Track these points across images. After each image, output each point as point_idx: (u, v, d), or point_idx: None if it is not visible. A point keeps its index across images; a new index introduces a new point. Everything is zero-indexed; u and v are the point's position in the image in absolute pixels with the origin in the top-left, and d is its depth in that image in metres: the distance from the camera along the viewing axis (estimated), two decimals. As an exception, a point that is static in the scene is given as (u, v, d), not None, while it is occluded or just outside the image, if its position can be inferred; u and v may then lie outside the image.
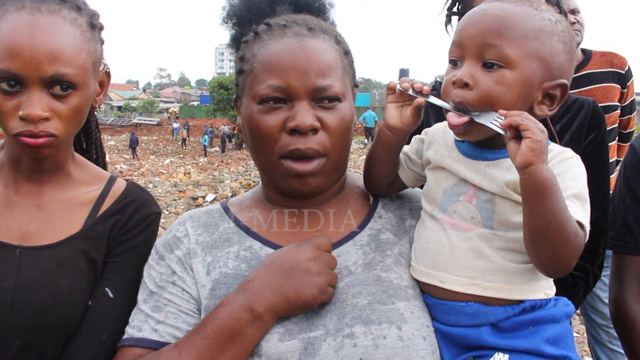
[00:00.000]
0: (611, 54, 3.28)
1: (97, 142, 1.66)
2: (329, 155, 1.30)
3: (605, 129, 1.83)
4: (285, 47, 1.30)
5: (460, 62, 1.24)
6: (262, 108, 1.30)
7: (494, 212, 1.23)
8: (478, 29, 1.22)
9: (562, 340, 1.22)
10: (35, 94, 1.26)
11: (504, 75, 1.20)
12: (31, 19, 1.26)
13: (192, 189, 13.11)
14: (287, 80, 1.27)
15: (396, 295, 1.25)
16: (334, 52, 1.34)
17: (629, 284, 1.71)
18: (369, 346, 1.17)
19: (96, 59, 1.38)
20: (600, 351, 3.19)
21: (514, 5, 1.23)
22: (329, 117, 1.29)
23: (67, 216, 1.41)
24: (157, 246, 1.39)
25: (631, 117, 3.41)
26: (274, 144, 1.28)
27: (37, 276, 1.32)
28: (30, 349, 1.30)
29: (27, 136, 1.27)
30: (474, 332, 1.23)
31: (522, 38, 1.20)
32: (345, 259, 1.31)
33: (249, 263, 1.31)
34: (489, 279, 1.22)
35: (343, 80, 1.33)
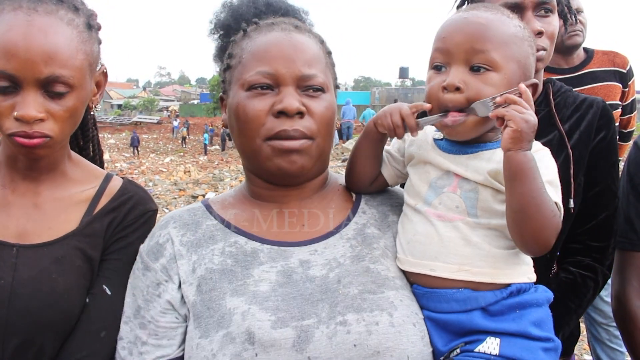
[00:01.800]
0: (613, 53, 3.28)
1: (94, 140, 1.65)
2: (314, 139, 1.33)
3: (615, 129, 1.82)
4: (273, 38, 1.37)
5: (446, 67, 1.32)
6: (250, 94, 1.34)
7: (478, 200, 1.30)
8: (464, 36, 1.30)
9: (545, 323, 1.30)
10: (30, 95, 1.25)
11: (491, 77, 1.29)
12: (27, 19, 1.25)
13: (192, 187, 13.11)
14: (274, 67, 1.33)
15: (385, 285, 1.30)
16: (318, 48, 1.42)
17: (631, 280, 1.72)
18: (362, 332, 1.21)
19: (93, 60, 1.37)
20: (600, 349, 3.21)
21: (490, 13, 1.34)
22: (315, 104, 1.34)
23: (63, 214, 1.41)
24: (142, 254, 1.40)
25: (631, 116, 3.41)
26: (260, 127, 1.32)
27: (35, 274, 1.32)
28: (28, 346, 1.31)
29: (22, 137, 1.27)
30: (466, 317, 1.28)
31: (503, 43, 1.31)
32: (332, 252, 1.35)
33: (235, 258, 1.33)
34: (478, 265, 1.28)
35: (326, 74, 1.40)
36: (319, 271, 1.31)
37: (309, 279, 1.29)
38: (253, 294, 1.26)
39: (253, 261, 1.33)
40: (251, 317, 1.22)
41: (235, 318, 1.23)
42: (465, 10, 1.38)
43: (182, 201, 11.45)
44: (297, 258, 1.33)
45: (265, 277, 1.29)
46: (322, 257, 1.34)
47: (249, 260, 1.33)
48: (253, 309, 1.23)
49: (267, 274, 1.30)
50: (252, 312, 1.22)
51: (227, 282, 1.29)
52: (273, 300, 1.25)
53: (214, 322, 1.24)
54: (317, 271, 1.31)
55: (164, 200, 11.49)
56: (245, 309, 1.23)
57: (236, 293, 1.27)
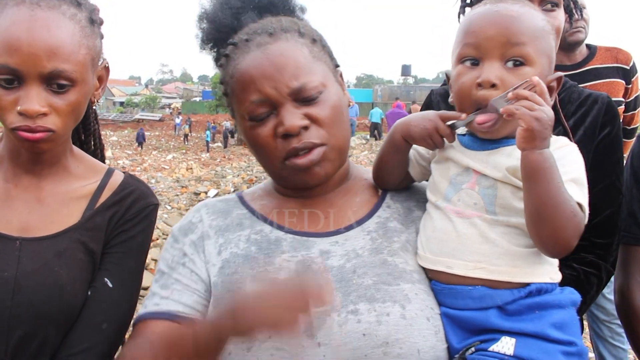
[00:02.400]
0: (616, 50, 3.27)
1: (95, 134, 1.66)
2: (327, 144, 1.33)
3: (620, 125, 1.81)
4: (251, 62, 1.34)
5: (478, 62, 1.28)
6: (252, 124, 1.35)
7: (496, 197, 1.26)
8: (498, 29, 1.26)
9: (568, 326, 1.24)
10: (33, 90, 1.26)
11: (525, 71, 1.25)
12: (30, 14, 1.26)
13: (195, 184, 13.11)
14: (263, 92, 1.32)
15: (401, 278, 1.29)
16: (299, 47, 1.36)
17: (635, 274, 1.71)
18: (372, 322, 1.22)
19: (95, 55, 1.38)
20: (602, 346, 3.20)
21: (519, 6, 1.29)
22: (317, 111, 1.33)
23: (65, 208, 1.42)
24: (174, 230, 1.45)
25: (635, 113, 3.40)
26: (273, 150, 1.34)
27: (38, 266, 1.33)
28: (31, 338, 1.32)
29: (25, 131, 1.27)
30: (482, 315, 1.25)
31: (535, 37, 1.27)
32: (352, 244, 1.36)
33: (259, 245, 1.36)
34: (495, 263, 1.25)
35: (318, 71, 1.36)
36: (337, 261, 1.33)
37: (326, 269, 1.31)
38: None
39: (276, 249, 1.35)
40: None
41: None
42: (490, 3, 1.32)
43: (184, 198, 11.45)
44: (318, 248, 1.35)
45: (286, 265, 1.32)
46: (342, 248, 1.35)
47: (272, 248, 1.36)
48: None
49: (288, 262, 1.32)
50: None
51: (249, 268, 1.32)
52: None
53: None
54: (335, 261, 1.33)
55: (166, 197, 11.49)
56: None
57: (256, 279, 1.28)
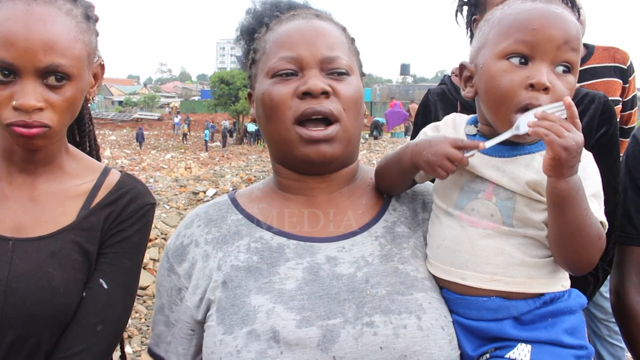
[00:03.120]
0: (613, 49, 3.26)
1: (90, 134, 1.65)
2: (341, 121, 1.32)
3: (617, 124, 1.80)
4: (294, 26, 1.39)
5: (528, 61, 1.21)
6: (275, 80, 1.34)
7: (515, 211, 1.23)
8: (560, 32, 1.19)
9: (578, 331, 1.26)
10: (29, 84, 1.25)
11: (569, 79, 1.22)
12: (27, 8, 1.25)
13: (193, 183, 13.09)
14: (297, 51, 1.33)
15: (414, 287, 1.27)
16: (340, 33, 1.42)
17: (630, 274, 1.70)
18: (390, 335, 1.19)
19: (91, 51, 1.37)
20: (600, 345, 3.20)
21: (564, 7, 1.23)
22: (340, 86, 1.33)
23: (60, 208, 1.40)
24: (168, 252, 1.42)
25: (632, 112, 3.39)
26: (287, 110, 1.31)
27: (31, 268, 1.31)
28: (24, 341, 1.30)
29: (21, 126, 1.26)
30: (496, 326, 1.25)
31: (579, 42, 1.23)
32: (361, 249, 1.33)
33: (261, 254, 1.32)
34: (511, 274, 1.23)
35: (350, 58, 1.39)
36: (347, 269, 1.29)
37: (335, 277, 1.27)
38: (278, 293, 1.25)
39: (279, 257, 1.31)
40: (276, 316, 1.21)
41: (260, 316, 1.22)
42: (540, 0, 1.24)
43: (182, 197, 11.44)
44: (324, 254, 1.31)
45: (292, 274, 1.28)
46: (350, 255, 1.31)
47: (275, 256, 1.32)
48: (278, 308, 1.22)
49: (294, 271, 1.29)
50: (277, 312, 1.22)
51: (253, 280, 1.29)
52: (299, 299, 1.24)
53: (238, 319, 1.24)
54: (344, 269, 1.29)
55: (165, 196, 11.48)
56: (270, 308, 1.23)
57: (261, 291, 1.26)
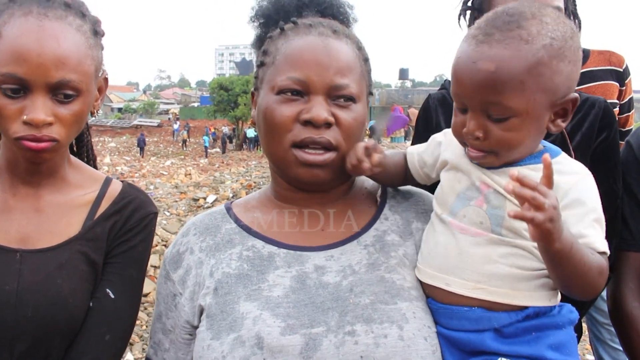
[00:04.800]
0: (609, 52, 3.27)
1: (88, 145, 1.67)
2: (339, 150, 1.32)
3: (617, 129, 1.81)
4: (309, 43, 1.35)
5: (467, 110, 1.23)
6: (279, 98, 1.33)
7: (504, 220, 1.23)
8: (475, 88, 1.19)
9: (565, 347, 1.23)
10: (39, 99, 1.26)
11: (512, 123, 1.20)
12: (39, 24, 1.27)
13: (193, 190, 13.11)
14: (307, 74, 1.31)
15: (399, 296, 1.26)
16: (354, 55, 1.38)
17: (627, 280, 1.69)
18: (370, 344, 1.18)
19: (98, 65, 1.39)
20: (602, 349, 3.19)
21: (503, 47, 1.17)
22: (343, 115, 1.32)
23: (65, 219, 1.41)
24: (165, 260, 1.44)
25: (629, 115, 3.39)
26: (287, 133, 1.31)
27: (39, 279, 1.33)
28: (35, 351, 1.32)
29: (30, 140, 1.28)
30: (477, 337, 1.23)
31: (519, 85, 1.16)
32: (349, 258, 1.33)
33: (252, 262, 1.34)
34: (495, 284, 1.22)
35: (360, 84, 1.37)
36: (333, 278, 1.29)
37: (322, 286, 1.28)
38: (266, 300, 1.26)
39: (269, 265, 1.33)
40: (262, 323, 1.22)
41: (247, 322, 1.23)
42: (477, 41, 1.20)
43: (183, 204, 11.45)
44: (312, 263, 1.32)
45: (280, 282, 1.29)
46: (338, 264, 1.32)
47: (265, 264, 1.33)
48: (265, 314, 1.23)
49: (282, 278, 1.30)
50: (264, 318, 1.23)
51: (242, 287, 1.30)
52: (285, 307, 1.25)
53: (226, 325, 1.25)
54: (331, 278, 1.29)
55: (165, 203, 11.50)
56: (257, 314, 1.24)
57: (250, 298, 1.27)
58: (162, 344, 1.41)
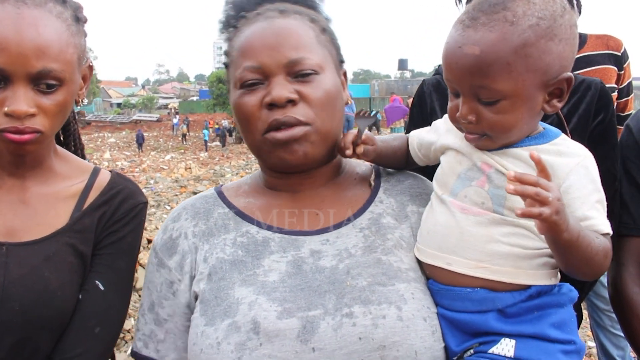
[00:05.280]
0: (606, 37, 3.25)
1: (75, 133, 1.64)
2: (312, 124, 1.31)
3: (614, 110, 1.79)
4: (256, 30, 1.35)
5: (459, 94, 1.24)
6: (243, 91, 1.34)
7: (506, 200, 1.22)
8: (461, 72, 1.20)
9: (567, 325, 1.23)
10: (21, 90, 1.23)
11: (503, 105, 1.20)
12: (17, 12, 1.23)
13: (194, 183, 13.12)
14: (259, 59, 1.31)
15: (396, 277, 1.26)
16: (306, 28, 1.37)
17: (627, 265, 1.68)
18: (368, 325, 1.18)
19: (81, 53, 1.36)
20: (603, 335, 3.19)
21: (488, 30, 1.17)
22: (308, 89, 1.31)
23: (52, 210, 1.39)
24: (156, 248, 1.41)
25: (628, 99, 3.38)
26: (256, 121, 1.31)
27: (26, 272, 1.31)
28: (24, 345, 1.30)
29: (13, 132, 1.25)
30: (480, 318, 1.23)
31: (506, 67, 1.16)
32: (344, 242, 1.32)
33: (247, 248, 1.33)
34: (497, 263, 1.22)
35: (320, 54, 1.35)
36: (329, 262, 1.29)
37: (318, 270, 1.27)
38: (262, 285, 1.25)
39: (264, 250, 1.32)
40: (258, 307, 1.21)
41: (242, 308, 1.22)
42: (464, 25, 1.21)
43: (183, 198, 11.45)
44: (308, 248, 1.31)
45: (275, 267, 1.29)
46: (334, 248, 1.31)
47: (259, 249, 1.32)
48: (260, 299, 1.23)
49: (277, 264, 1.29)
50: (259, 303, 1.22)
51: (237, 272, 1.29)
52: (281, 291, 1.24)
53: (220, 311, 1.24)
54: (327, 262, 1.29)
55: (166, 197, 11.50)
56: (252, 299, 1.23)
57: (245, 283, 1.27)
58: (155, 334, 1.37)
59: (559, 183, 1.19)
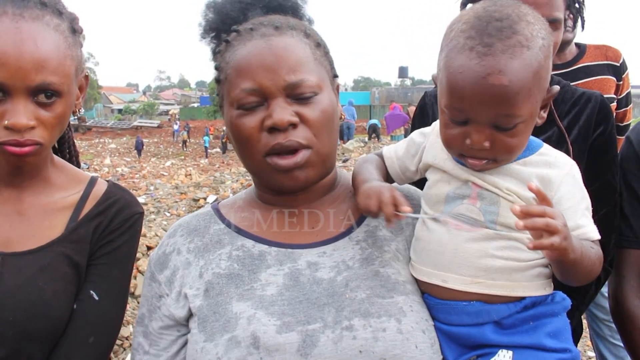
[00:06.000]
0: (605, 47, 3.26)
1: (69, 141, 1.65)
2: (313, 147, 1.30)
3: (614, 122, 1.80)
4: (253, 50, 1.32)
5: (466, 123, 1.19)
6: (240, 112, 1.32)
7: (498, 215, 1.23)
8: (485, 102, 1.14)
9: (562, 333, 1.25)
10: (20, 103, 1.24)
11: (518, 129, 1.19)
12: (15, 26, 1.24)
13: (194, 190, 13.09)
14: (258, 81, 1.29)
15: (394, 290, 1.26)
16: (303, 46, 1.35)
17: (628, 278, 1.69)
18: (369, 339, 1.18)
19: (78, 64, 1.37)
20: (602, 346, 3.18)
21: (509, 57, 1.12)
22: (308, 111, 1.30)
23: (48, 221, 1.40)
24: (151, 262, 1.42)
25: (627, 109, 3.38)
26: (256, 144, 1.30)
27: (21, 282, 1.31)
28: (17, 356, 1.30)
29: (13, 145, 1.26)
30: (477, 331, 1.24)
31: (528, 92, 1.16)
32: (342, 254, 1.32)
33: (242, 262, 1.32)
34: (492, 277, 1.23)
35: (317, 73, 1.34)
36: (327, 274, 1.29)
37: (316, 282, 1.27)
38: (259, 299, 1.25)
39: (260, 264, 1.32)
40: (257, 322, 1.21)
41: (241, 322, 1.22)
42: (479, 53, 1.14)
43: (183, 204, 11.43)
44: (305, 260, 1.31)
45: (272, 280, 1.28)
46: (331, 260, 1.31)
47: (256, 263, 1.32)
48: (259, 313, 1.22)
49: (274, 277, 1.29)
50: (258, 317, 1.22)
51: (234, 287, 1.29)
52: (279, 305, 1.24)
53: (219, 326, 1.24)
54: (324, 274, 1.29)
55: (166, 204, 11.47)
56: (251, 314, 1.22)
57: (242, 298, 1.26)
58: (142, 346, 1.38)
59: (551, 195, 1.20)
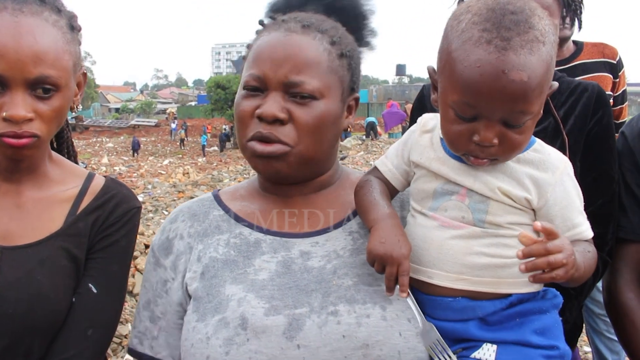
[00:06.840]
0: (602, 45, 3.29)
1: (68, 141, 1.67)
2: (294, 147, 1.31)
3: (611, 112, 1.80)
4: (272, 40, 1.36)
5: (475, 119, 1.16)
6: (244, 94, 1.37)
7: (487, 213, 1.23)
8: (503, 98, 1.10)
9: (550, 331, 1.24)
10: (19, 95, 1.26)
11: (527, 125, 1.17)
12: (15, 20, 1.26)
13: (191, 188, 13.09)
14: (263, 70, 1.33)
15: (382, 278, 1.27)
16: (321, 50, 1.34)
17: (622, 271, 1.70)
18: (352, 324, 1.21)
19: (76, 60, 1.39)
20: (598, 340, 3.20)
21: (528, 52, 1.09)
22: (300, 112, 1.31)
23: (46, 214, 1.41)
24: (154, 248, 1.45)
25: (623, 107, 3.41)
26: (246, 127, 1.34)
27: (20, 275, 1.33)
28: (16, 348, 1.31)
29: (10, 137, 1.27)
30: (462, 327, 1.24)
31: (541, 89, 1.14)
32: (334, 244, 1.36)
33: (239, 249, 1.36)
34: (477, 274, 1.23)
35: (325, 79, 1.33)
36: (318, 262, 1.32)
37: (306, 270, 1.31)
38: (251, 283, 1.29)
39: (255, 251, 1.36)
40: (246, 304, 1.24)
41: (232, 304, 1.26)
42: (497, 47, 1.09)
43: (181, 203, 11.40)
44: (298, 249, 1.35)
45: (265, 266, 1.32)
46: (323, 249, 1.35)
47: (251, 250, 1.36)
48: (249, 296, 1.26)
49: (268, 263, 1.33)
50: (248, 299, 1.25)
51: (229, 271, 1.33)
52: (269, 289, 1.27)
53: (211, 307, 1.28)
54: (315, 262, 1.32)
55: (164, 202, 11.47)
56: (242, 296, 1.26)
57: (235, 281, 1.30)
58: (150, 331, 1.41)
59: (546, 197, 1.21)
